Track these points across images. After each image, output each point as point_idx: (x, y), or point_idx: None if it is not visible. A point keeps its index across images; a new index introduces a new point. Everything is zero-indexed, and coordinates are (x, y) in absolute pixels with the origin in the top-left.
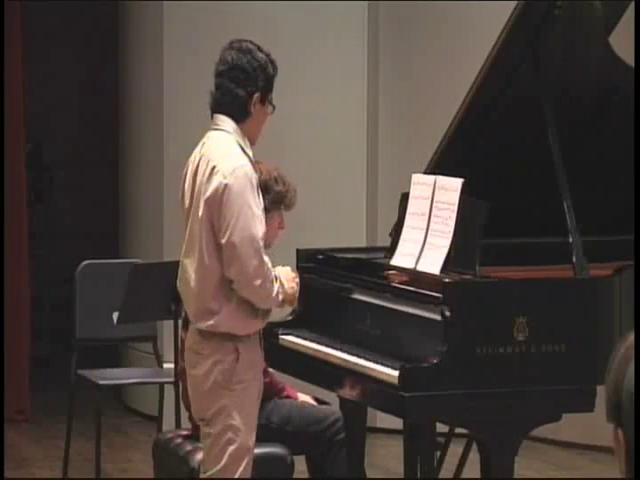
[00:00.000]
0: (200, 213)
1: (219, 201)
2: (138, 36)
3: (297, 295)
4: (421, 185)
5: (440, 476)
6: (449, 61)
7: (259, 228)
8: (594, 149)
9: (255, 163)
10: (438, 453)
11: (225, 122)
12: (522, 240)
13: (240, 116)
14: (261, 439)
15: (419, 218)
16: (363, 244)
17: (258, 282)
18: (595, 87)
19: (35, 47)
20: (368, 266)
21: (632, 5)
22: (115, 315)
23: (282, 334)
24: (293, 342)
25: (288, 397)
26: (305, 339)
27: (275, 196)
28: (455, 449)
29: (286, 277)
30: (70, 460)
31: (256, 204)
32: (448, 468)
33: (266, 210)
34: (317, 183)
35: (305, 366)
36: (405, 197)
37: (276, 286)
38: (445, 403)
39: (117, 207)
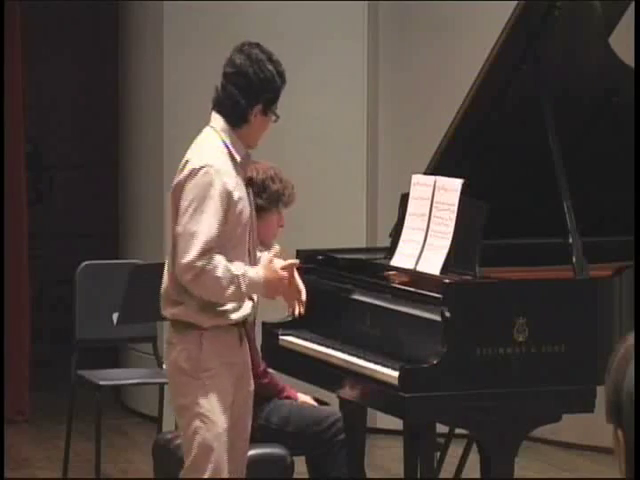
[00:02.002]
0: (171, 206)
1: (179, 193)
2: (138, 36)
3: (285, 287)
4: (421, 186)
5: (440, 476)
6: (449, 61)
7: (205, 229)
8: (594, 149)
9: (251, 162)
10: (438, 454)
11: (216, 120)
12: (522, 241)
13: (238, 122)
14: (261, 439)
15: (419, 219)
16: (363, 245)
17: (188, 277)
18: (595, 87)
19: (35, 47)
20: (368, 267)
21: (632, 5)
22: (115, 316)
23: (282, 335)
24: (293, 342)
25: (288, 397)
26: (305, 340)
27: (272, 195)
28: (455, 450)
29: (267, 271)
30: (70, 461)
31: (207, 205)
32: (448, 469)
33: (264, 209)
34: (317, 183)
35: (305, 367)
36: (405, 198)
37: (231, 287)
38: (445, 404)
39: (117, 207)
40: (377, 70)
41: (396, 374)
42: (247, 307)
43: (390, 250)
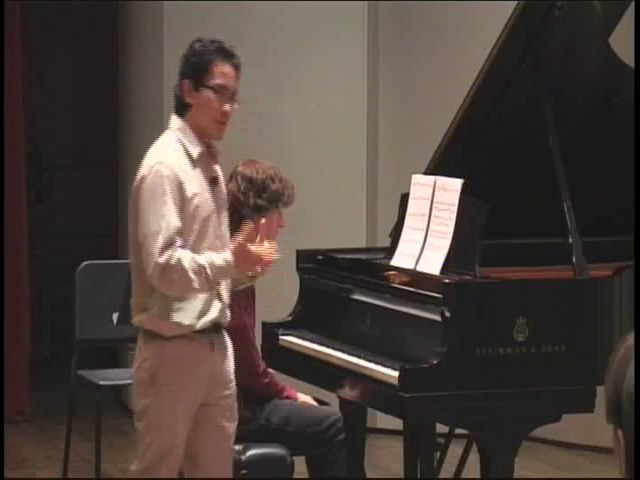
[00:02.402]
0: (129, 210)
1: (135, 199)
2: (138, 36)
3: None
4: (421, 186)
5: (440, 476)
6: (449, 61)
7: (163, 226)
8: (594, 149)
9: (250, 162)
10: (438, 454)
11: (171, 120)
12: (522, 241)
13: (181, 110)
14: (261, 439)
15: (419, 219)
16: (363, 245)
17: (155, 276)
18: (595, 87)
19: (35, 47)
20: (368, 267)
21: (632, 5)
22: (115, 316)
23: (282, 334)
24: (293, 342)
25: (288, 397)
26: (305, 339)
27: (272, 195)
28: (455, 450)
29: (235, 252)
30: (70, 460)
31: (162, 203)
32: (448, 469)
33: (264, 209)
34: (317, 183)
35: (305, 366)
36: (405, 198)
37: (199, 278)
38: (445, 404)
39: (117, 207)
40: (377, 70)
41: (396, 374)
42: (214, 311)
43: (390, 250)
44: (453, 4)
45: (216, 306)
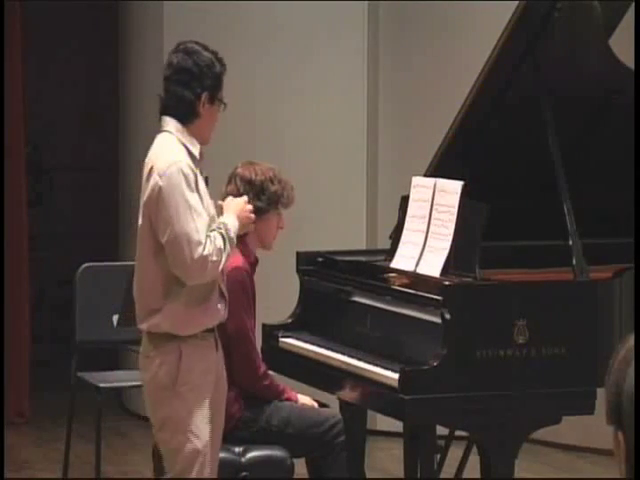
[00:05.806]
0: (140, 215)
1: (155, 201)
2: (138, 36)
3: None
4: (421, 188)
5: (440, 477)
6: (449, 61)
7: (194, 224)
8: (594, 151)
9: (249, 164)
10: (438, 456)
11: (169, 123)
12: (522, 243)
13: (188, 118)
14: (261, 442)
15: (419, 221)
16: (363, 246)
17: (196, 275)
18: (595, 88)
19: (35, 48)
20: (368, 268)
21: (632, 5)
22: (115, 317)
23: (282, 337)
24: (293, 344)
25: (288, 399)
26: (305, 342)
27: (271, 196)
28: (455, 451)
29: (235, 210)
30: (70, 462)
31: (191, 199)
32: (448, 471)
33: (263, 211)
34: (317, 185)
35: (305, 369)
36: (405, 200)
37: (224, 256)
38: (445, 406)
39: (117, 209)
40: (377, 70)
41: (396, 376)
42: (221, 309)
43: (390, 252)
44: (453, 4)
45: (222, 304)
